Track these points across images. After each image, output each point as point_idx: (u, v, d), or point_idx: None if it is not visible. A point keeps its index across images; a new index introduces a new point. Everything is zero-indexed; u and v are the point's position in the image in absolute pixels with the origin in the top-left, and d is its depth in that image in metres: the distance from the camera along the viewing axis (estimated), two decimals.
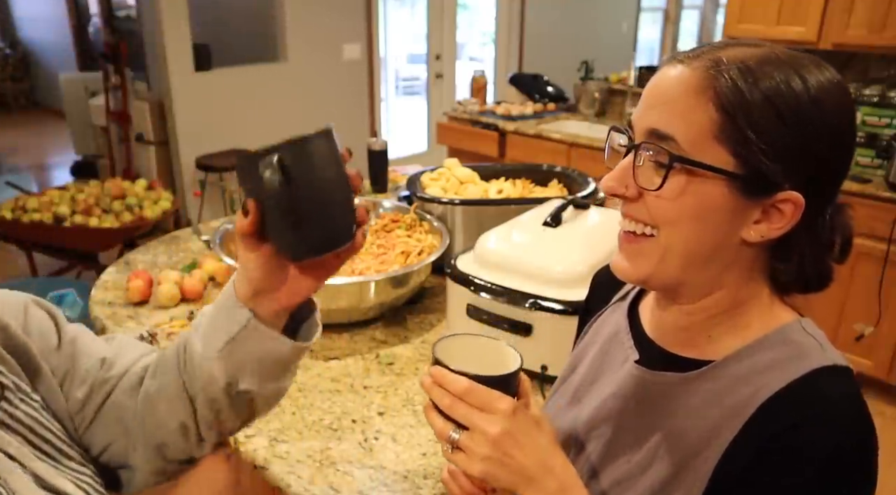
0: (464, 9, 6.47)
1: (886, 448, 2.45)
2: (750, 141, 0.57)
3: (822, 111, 0.58)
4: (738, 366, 0.63)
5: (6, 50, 8.35)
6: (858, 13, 2.72)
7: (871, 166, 2.81)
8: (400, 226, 1.75)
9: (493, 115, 3.91)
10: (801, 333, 0.64)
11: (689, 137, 0.58)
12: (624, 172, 0.63)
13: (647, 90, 0.63)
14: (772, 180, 0.58)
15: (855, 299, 2.77)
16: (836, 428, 0.57)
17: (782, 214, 0.60)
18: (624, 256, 0.65)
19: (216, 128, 4.26)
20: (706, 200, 0.59)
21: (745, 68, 0.58)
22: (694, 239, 0.61)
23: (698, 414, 0.64)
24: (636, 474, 0.68)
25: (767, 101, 0.57)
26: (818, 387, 0.59)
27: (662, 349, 0.71)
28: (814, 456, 0.56)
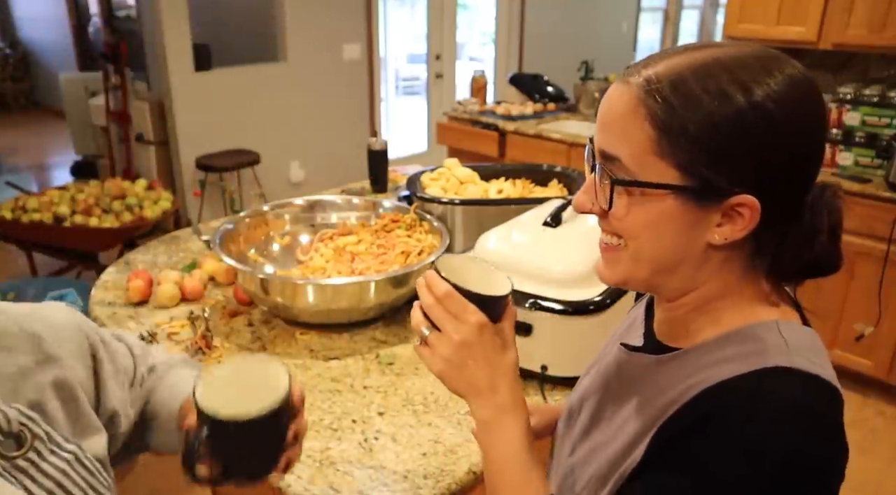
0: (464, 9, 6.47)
1: (887, 448, 2.44)
2: (689, 153, 0.58)
3: (765, 115, 0.57)
4: (703, 355, 0.65)
5: (6, 50, 8.35)
6: (858, 13, 2.72)
7: (871, 166, 2.81)
8: (400, 226, 1.75)
9: (493, 115, 3.91)
10: (771, 332, 0.64)
11: (632, 157, 0.60)
12: (590, 189, 0.66)
13: (599, 110, 0.65)
14: (718, 187, 0.59)
15: (855, 299, 2.77)
16: (762, 424, 0.55)
17: (741, 216, 0.60)
18: (603, 263, 0.70)
19: (216, 128, 4.26)
20: (658, 214, 0.61)
21: (678, 82, 0.59)
22: (657, 248, 0.63)
23: (661, 392, 0.66)
24: (608, 441, 0.72)
25: (701, 112, 0.57)
26: (760, 384, 0.58)
27: (657, 340, 0.75)
28: (733, 446, 0.55)
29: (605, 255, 0.69)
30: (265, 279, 1.47)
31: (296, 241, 1.79)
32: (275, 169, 4.57)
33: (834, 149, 2.91)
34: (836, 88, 2.91)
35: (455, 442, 1.14)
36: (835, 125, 2.89)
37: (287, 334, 1.48)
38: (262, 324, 1.53)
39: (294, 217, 1.82)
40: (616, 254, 0.67)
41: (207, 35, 4.23)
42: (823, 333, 3.16)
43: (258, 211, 1.77)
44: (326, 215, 1.85)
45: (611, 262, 0.68)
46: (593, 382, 0.82)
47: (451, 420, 1.20)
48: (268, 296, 1.45)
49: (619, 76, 0.64)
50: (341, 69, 4.80)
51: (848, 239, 2.84)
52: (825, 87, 3.13)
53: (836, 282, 2.84)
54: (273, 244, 1.76)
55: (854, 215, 2.70)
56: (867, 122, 2.80)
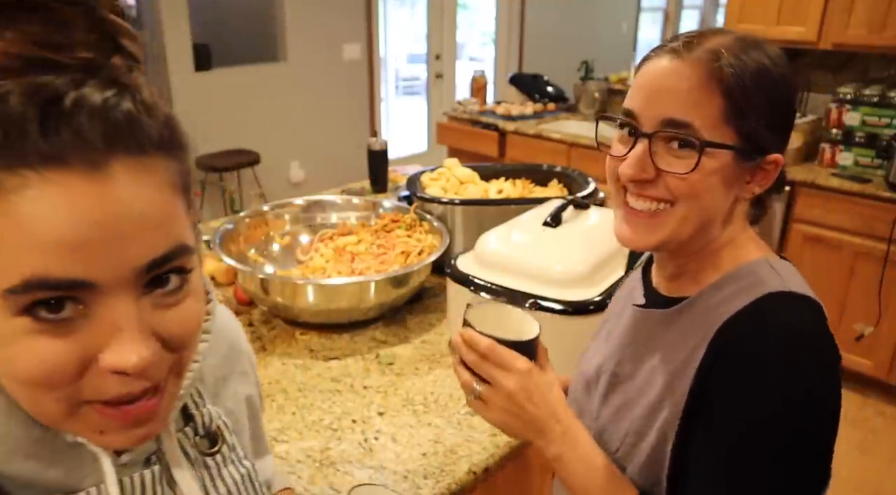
0: (464, 9, 6.47)
1: (887, 448, 2.44)
2: (750, 119, 0.68)
3: (787, 84, 0.70)
4: (708, 299, 0.73)
5: None
6: (858, 13, 2.72)
7: (871, 166, 2.81)
8: (400, 226, 1.75)
9: (493, 115, 3.91)
10: (764, 267, 0.73)
11: (705, 123, 0.67)
12: (641, 159, 0.70)
13: (647, 81, 0.70)
14: (763, 146, 0.70)
15: (855, 299, 2.77)
16: (772, 343, 0.65)
17: (766, 173, 0.72)
18: (637, 230, 0.73)
19: (216, 128, 4.26)
20: (718, 173, 0.69)
21: (736, 56, 0.67)
22: (708, 206, 0.70)
23: (678, 342, 0.73)
24: (635, 398, 0.78)
25: (755, 83, 0.67)
26: (763, 308, 0.68)
27: (662, 295, 0.81)
28: (759, 367, 0.65)
29: (647, 222, 0.72)
30: (265, 279, 1.47)
31: (296, 241, 1.79)
32: (275, 169, 4.57)
33: (834, 149, 2.91)
34: (836, 88, 2.91)
35: (455, 442, 1.14)
36: (835, 125, 2.89)
37: (287, 334, 1.48)
38: (262, 323, 1.53)
39: (294, 217, 1.82)
40: (661, 218, 0.71)
41: (207, 35, 4.23)
42: None
43: (258, 211, 1.77)
44: (326, 215, 1.85)
45: (654, 227, 0.72)
46: (608, 348, 0.86)
47: (451, 420, 1.20)
48: (268, 296, 1.45)
49: (662, 50, 0.70)
50: (341, 69, 4.80)
51: (848, 239, 2.86)
52: (825, 87, 3.13)
53: (836, 282, 2.85)
54: (273, 244, 1.76)
55: (854, 215, 2.70)
56: (867, 122, 2.80)
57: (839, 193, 2.73)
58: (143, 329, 0.43)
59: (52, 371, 0.41)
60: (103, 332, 0.42)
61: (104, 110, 0.40)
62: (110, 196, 0.40)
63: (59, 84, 0.39)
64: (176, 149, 0.45)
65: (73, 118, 0.39)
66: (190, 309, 0.46)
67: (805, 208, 2.83)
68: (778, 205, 2.89)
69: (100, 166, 0.40)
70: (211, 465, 0.60)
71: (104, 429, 0.45)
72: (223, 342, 0.68)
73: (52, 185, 0.38)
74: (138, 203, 0.41)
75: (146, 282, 0.43)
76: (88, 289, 0.41)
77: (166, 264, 0.43)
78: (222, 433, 0.61)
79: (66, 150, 0.39)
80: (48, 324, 0.40)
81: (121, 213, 0.40)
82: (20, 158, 0.38)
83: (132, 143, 0.41)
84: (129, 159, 0.41)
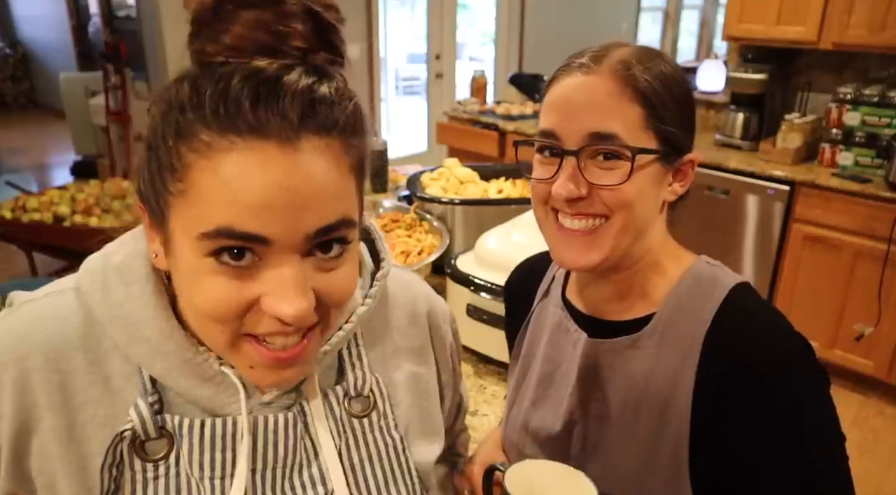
0: (464, 9, 6.47)
1: (887, 448, 2.44)
2: (665, 121, 0.69)
3: (684, 86, 0.72)
4: (673, 313, 0.72)
5: (6, 50, 8.36)
6: (858, 13, 2.72)
7: (871, 166, 2.81)
8: (400, 226, 1.75)
9: (493, 115, 3.91)
10: (706, 266, 0.75)
11: (627, 131, 0.67)
12: (573, 176, 0.69)
13: (562, 99, 0.70)
14: (680, 147, 0.71)
15: (855, 299, 2.77)
16: (767, 335, 0.68)
17: (685, 173, 0.74)
18: (580, 250, 0.71)
19: None
20: (648, 179, 0.69)
21: (643, 65, 0.69)
22: (642, 213, 0.70)
23: (656, 367, 0.71)
24: (625, 442, 0.73)
25: (665, 87, 0.69)
26: (739, 305, 0.70)
27: (606, 321, 0.77)
28: (767, 367, 0.66)
29: (586, 240, 0.71)
30: None
31: None
32: None
33: (834, 149, 2.91)
34: (836, 88, 2.91)
35: None
36: (835, 125, 2.90)
37: None
38: None
39: None
40: (600, 234, 0.70)
41: None
42: (823, 333, 3.16)
43: None
44: None
45: (594, 244, 0.71)
46: (561, 395, 0.79)
47: None
48: None
49: (571, 67, 0.71)
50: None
51: (848, 239, 2.86)
52: (825, 87, 3.13)
53: (836, 282, 2.85)
54: None
55: (854, 215, 2.70)
56: (867, 122, 2.80)
57: (839, 193, 2.73)
58: (304, 286, 0.49)
59: (226, 307, 0.49)
60: (271, 283, 0.48)
61: (304, 93, 0.47)
62: (297, 167, 0.47)
63: (272, 69, 0.47)
64: (357, 135, 0.52)
65: (278, 98, 0.46)
66: (345, 274, 0.53)
67: (805, 208, 2.83)
68: (778, 205, 2.89)
69: (292, 141, 0.47)
70: (356, 428, 0.62)
71: (254, 364, 0.52)
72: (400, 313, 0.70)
73: (252, 152, 0.46)
74: (319, 176, 0.48)
75: (312, 246, 0.50)
76: (265, 244, 0.47)
77: (332, 233, 0.50)
78: (375, 399, 0.64)
79: (268, 124, 0.46)
80: (229, 268, 0.48)
81: (303, 183, 0.47)
82: (232, 127, 0.46)
83: (322, 124, 0.48)
84: (317, 138, 0.48)
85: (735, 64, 3.31)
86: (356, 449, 0.62)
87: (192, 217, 0.48)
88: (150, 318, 0.55)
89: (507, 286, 0.98)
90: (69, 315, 0.56)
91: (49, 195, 3.30)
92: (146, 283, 0.56)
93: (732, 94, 3.24)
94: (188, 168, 0.47)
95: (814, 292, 2.88)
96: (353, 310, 0.62)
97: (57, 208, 3.17)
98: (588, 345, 0.76)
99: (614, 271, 0.74)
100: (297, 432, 0.59)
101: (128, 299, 0.55)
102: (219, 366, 0.56)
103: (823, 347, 2.89)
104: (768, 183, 2.89)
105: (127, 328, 0.55)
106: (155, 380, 0.56)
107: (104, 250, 0.60)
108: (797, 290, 2.92)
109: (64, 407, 0.54)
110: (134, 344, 0.55)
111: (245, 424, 0.56)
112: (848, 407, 2.85)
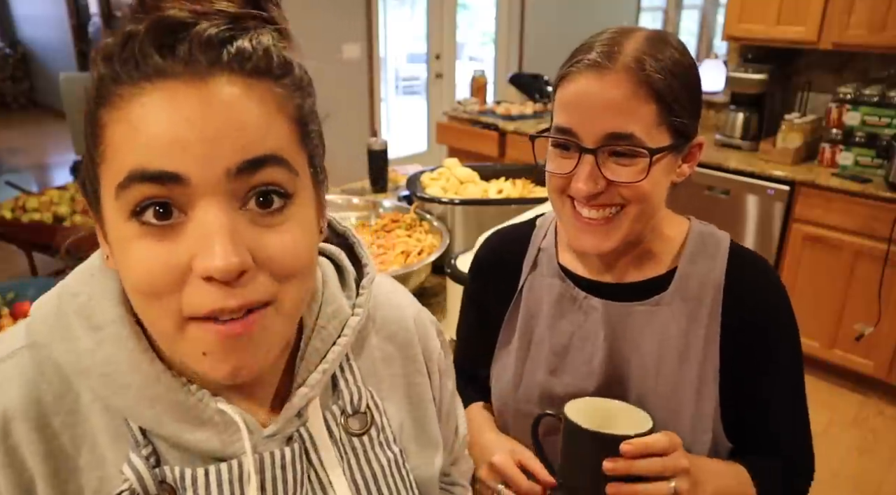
0: (464, 8, 6.47)
1: (887, 448, 2.44)
2: (677, 114, 0.73)
3: (693, 71, 0.75)
4: (685, 269, 0.81)
5: (6, 50, 8.35)
6: (858, 13, 2.72)
7: (871, 166, 2.81)
8: (400, 226, 1.75)
9: (493, 115, 3.91)
10: (701, 226, 0.85)
11: (643, 130, 0.71)
12: (591, 174, 0.73)
13: (579, 98, 0.73)
14: (689, 135, 0.76)
15: (855, 299, 2.77)
16: (773, 280, 0.82)
17: (694, 155, 0.80)
18: (597, 236, 0.77)
19: None
20: (662, 171, 0.75)
21: (656, 59, 0.71)
22: (656, 201, 0.77)
23: (684, 318, 0.80)
24: (664, 391, 0.81)
25: (678, 80, 0.72)
26: (741, 255, 0.82)
27: (614, 283, 0.84)
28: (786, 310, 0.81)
29: (603, 228, 0.76)
30: None
31: None
32: None
33: (834, 149, 2.91)
34: (836, 88, 2.91)
35: None
36: (835, 125, 2.89)
37: None
38: None
39: None
40: (615, 222, 0.76)
41: None
42: (823, 333, 3.16)
43: None
44: None
45: (611, 231, 0.76)
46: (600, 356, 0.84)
47: None
48: None
49: (587, 66, 0.72)
50: (341, 69, 4.80)
51: (848, 239, 2.86)
52: (825, 87, 3.13)
53: (836, 282, 2.85)
54: None
55: (854, 215, 2.70)
56: (867, 122, 2.80)
57: (839, 193, 2.73)
58: (235, 239, 0.44)
59: (154, 274, 0.44)
60: (197, 238, 0.44)
61: (215, 37, 0.44)
62: (209, 98, 0.44)
63: (181, 15, 0.44)
64: (287, 83, 0.48)
65: (189, 41, 0.44)
66: (292, 236, 0.47)
67: (805, 208, 2.83)
68: (778, 205, 2.89)
69: (204, 78, 0.44)
70: (357, 447, 0.59)
71: (206, 350, 0.46)
72: (388, 320, 0.66)
73: (160, 92, 0.43)
74: (236, 108, 0.44)
75: (245, 196, 0.45)
76: (182, 185, 0.43)
77: (260, 171, 0.45)
78: (372, 413, 0.60)
79: (175, 65, 0.43)
80: (154, 229, 0.44)
81: (216, 114, 0.44)
82: (141, 74, 0.44)
83: (239, 65, 0.45)
84: (234, 76, 0.45)
85: (735, 64, 3.31)
86: (359, 469, 0.59)
87: (110, 176, 0.45)
88: (130, 363, 0.49)
89: (480, 262, 0.99)
90: (36, 377, 0.50)
91: (49, 195, 3.30)
92: (120, 325, 0.50)
93: (732, 94, 3.24)
94: (104, 128, 0.45)
95: (814, 292, 2.87)
96: (344, 321, 0.59)
97: (57, 208, 3.17)
98: (610, 309, 0.83)
99: (628, 244, 0.81)
100: (303, 464, 0.55)
101: (100, 346, 0.50)
102: (215, 404, 0.51)
103: (823, 347, 2.89)
104: (768, 183, 2.89)
105: (104, 378, 0.49)
106: (145, 430, 0.51)
107: (57, 291, 0.54)
108: (797, 290, 2.92)
109: (55, 478, 0.49)
110: (115, 394, 0.49)
111: (251, 464, 0.51)
112: (848, 407, 2.85)
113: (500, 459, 0.82)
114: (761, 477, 0.81)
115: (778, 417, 0.82)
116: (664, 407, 0.80)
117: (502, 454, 0.83)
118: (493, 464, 0.82)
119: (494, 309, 0.93)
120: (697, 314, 0.79)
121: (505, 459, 0.82)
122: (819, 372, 3.00)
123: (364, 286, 0.62)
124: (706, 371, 0.79)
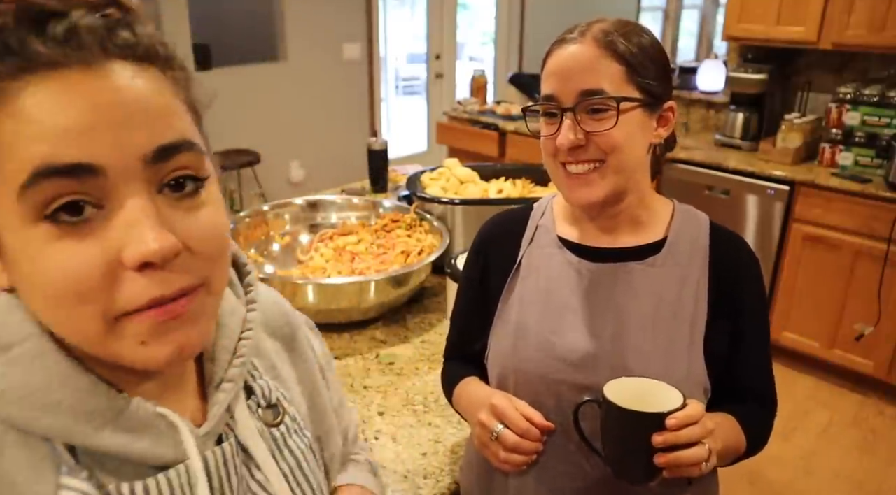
0: (464, 8, 6.47)
1: (886, 447, 2.44)
2: (643, 75, 0.84)
3: (659, 47, 0.87)
4: (675, 237, 0.91)
5: None
6: (858, 13, 2.72)
7: (871, 166, 2.81)
8: (400, 226, 1.75)
9: (493, 115, 3.91)
10: (684, 205, 0.96)
11: (612, 86, 0.82)
12: (571, 127, 0.83)
13: (557, 67, 0.85)
14: (659, 96, 0.86)
15: (855, 299, 2.77)
16: (748, 250, 0.93)
17: (667, 119, 0.89)
18: (585, 189, 0.86)
19: (216, 128, 4.22)
20: (634, 125, 0.84)
21: (621, 33, 0.83)
22: (632, 154, 0.86)
23: (676, 279, 0.89)
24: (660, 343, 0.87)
25: (640, 49, 0.84)
26: (718, 229, 0.93)
27: (608, 249, 0.92)
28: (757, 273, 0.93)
29: (589, 179, 0.86)
30: (265, 279, 1.47)
31: (296, 241, 1.79)
32: (275, 168, 4.57)
33: (834, 149, 2.91)
34: (835, 88, 2.91)
35: (455, 442, 1.14)
36: (835, 125, 2.90)
37: None
38: None
39: (294, 217, 1.82)
40: (599, 173, 0.85)
41: (207, 35, 4.22)
42: (823, 333, 3.16)
43: (258, 210, 1.77)
44: (326, 215, 1.86)
45: (596, 182, 0.85)
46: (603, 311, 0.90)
47: (451, 420, 1.20)
48: None
49: (563, 41, 0.85)
50: (341, 69, 4.80)
51: (848, 239, 2.86)
52: (825, 87, 3.13)
53: (835, 281, 2.85)
54: (273, 244, 1.76)
55: (854, 215, 2.71)
56: (867, 122, 2.80)
57: (839, 193, 2.73)
58: (161, 223, 0.43)
59: (79, 277, 0.41)
60: (123, 230, 0.42)
61: (100, 26, 0.42)
62: (108, 86, 0.41)
63: (47, 5, 0.41)
64: (169, 67, 0.47)
65: (69, 31, 0.41)
66: (210, 216, 0.47)
67: (805, 208, 2.83)
68: (778, 205, 2.89)
69: (99, 65, 0.42)
70: (276, 436, 0.61)
71: (145, 339, 0.44)
72: (273, 320, 0.68)
73: (52, 82, 0.40)
74: (136, 93, 0.42)
75: (160, 183, 0.44)
76: (97, 177, 0.41)
77: (175, 156, 0.44)
78: (282, 404, 0.62)
79: (65, 55, 0.40)
80: (69, 227, 0.41)
81: (123, 99, 0.42)
82: (22, 67, 0.40)
83: (128, 52, 0.43)
84: (127, 63, 0.43)
85: (735, 64, 3.31)
86: (283, 459, 0.60)
87: (5, 179, 0.40)
88: (59, 377, 0.45)
89: (484, 235, 1.05)
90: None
91: None
92: (38, 339, 0.46)
93: (732, 94, 3.24)
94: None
95: (814, 292, 2.88)
96: (242, 316, 0.59)
97: None
98: (607, 269, 0.90)
99: (612, 205, 0.89)
100: (239, 458, 0.56)
101: (11, 366, 0.45)
102: (154, 408, 0.49)
103: (823, 347, 2.89)
104: (768, 183, 2.89)
105: (23, 401, 0.44)
106: (76, 451, 0.47)
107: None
108: (797, 290, 2.92)
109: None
110: (44, 414, 0.45)
111: (198, 465, 0.50)
112: (848, 407, 2.86)
113: (499, 401, 0.88)
114: (749, 424, 0.92)
115: (752, 365, 0.93)
116: (660, 364, 0.86)
117: (502, 397, 0.89)
118: (494, 405, 0.88)
119: (493, 282, 0.99)
120: (688, 276, 0.89)
121: (504, 401, 0.88)
122: (819, 372, 3.00)
123: (250, 283, 0.62)
124: (696, 329, 0.87)
